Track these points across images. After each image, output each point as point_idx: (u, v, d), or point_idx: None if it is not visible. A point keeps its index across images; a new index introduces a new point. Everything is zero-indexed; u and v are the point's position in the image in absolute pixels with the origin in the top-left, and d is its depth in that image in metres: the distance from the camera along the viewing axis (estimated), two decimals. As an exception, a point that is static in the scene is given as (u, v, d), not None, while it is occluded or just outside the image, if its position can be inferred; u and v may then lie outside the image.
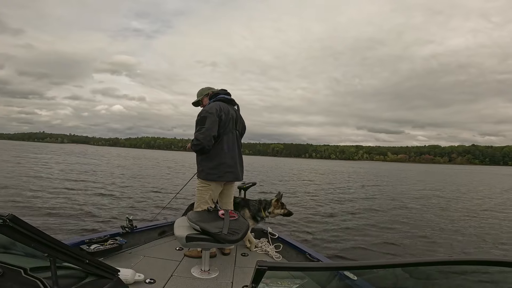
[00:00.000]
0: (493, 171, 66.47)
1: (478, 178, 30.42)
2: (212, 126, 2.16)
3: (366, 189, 14.41)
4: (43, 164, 17.70)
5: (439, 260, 0.71)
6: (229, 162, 2.28)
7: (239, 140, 2.45)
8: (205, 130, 2.15)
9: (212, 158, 2.24)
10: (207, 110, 2.22)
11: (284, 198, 2.74)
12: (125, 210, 6.26)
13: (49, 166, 16.31)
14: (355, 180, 20.29)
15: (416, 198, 11.60)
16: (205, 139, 2.14)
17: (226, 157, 2.26)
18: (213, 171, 2.24)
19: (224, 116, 2.24)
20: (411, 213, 8.08)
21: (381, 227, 6.15)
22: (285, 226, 5.79)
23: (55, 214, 5.54)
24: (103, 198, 7.61)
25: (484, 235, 5.84)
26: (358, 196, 11.28)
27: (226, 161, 2.26)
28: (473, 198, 12.33)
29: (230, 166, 2.28)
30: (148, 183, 11.55)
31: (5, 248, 0.94)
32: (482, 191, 15.48)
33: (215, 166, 2.24)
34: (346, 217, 7.13)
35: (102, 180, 11.64)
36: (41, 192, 7.76)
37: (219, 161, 2.24)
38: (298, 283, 0.90)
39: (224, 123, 2.24)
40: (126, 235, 2.32)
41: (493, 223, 7.07)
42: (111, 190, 9.01)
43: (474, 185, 20.17)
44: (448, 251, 4.79)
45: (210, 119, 2.16)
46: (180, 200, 5.92)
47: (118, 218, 5.46)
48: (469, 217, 7.66)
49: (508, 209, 9.39)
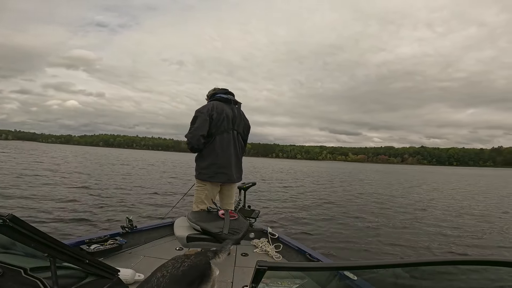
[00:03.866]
0: (445, 171, 68.53)
1: (447, 178, 31.36)
2: (200, 126, 2.16)
3: (358, 189, 14.45)
4: (27, 163, 17.70)
5: (439, 260, 0.71)
6: (222, 162, 2.24)
7: (238, 141, 2.39)
8: (193, 129, 2.17)
9: (204, 158, 2.25)
10: (198, 110, 2.24)
11: (283, 197, 2.75)
12: (125, 210, 6.25)
13: (38, 165, 16.31)
14: (339, 180, 20.56)
15: (412, 198, 11.61)
16: (192, 139, 2.17)
17: (218, 157, 2.23)
18: (205, 171, 2.24)
19: (216, 115, 2.21)
20: (411, 213, 8.08)
21: (381, 227, 6.15)
22: (285, 226, 5.79)
23: (55, 214, 5.53)
24: (103, 198, 7.61)
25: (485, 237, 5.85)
26: (354, 196, 11.29)
27: (218, 161, 2.23)
28: (466, 199, 12.35)
29: (222, 166, 2.24)
30: (147, 183, 11.55)
31: (5, 248, 0.94)
32: (467, 191, 15.49)
33: (207, 166, 2.23)
34: (346, 217, 7.12)
35: (102, 180, 11.64)
36: (41, 191, 7.76)
37: (210, 161, 2.23)
38: (298, 283, 0.90)
39: (216, 122, 2.21)
40: (126, 235, 2.32)
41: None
42: (111, 190, 9.01)
43: (458, 184, 20.23)
44: (448, 251, 4.79)
45: (200, 119, 2.18)
46: (181, 201, 5.91)
47: (118, 218, 5.46)
48: (470, 217, 7.67)
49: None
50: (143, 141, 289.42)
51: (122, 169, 18.60)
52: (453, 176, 38.19)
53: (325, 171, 35.22)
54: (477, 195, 13.48)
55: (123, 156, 43.14)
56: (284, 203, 8.57)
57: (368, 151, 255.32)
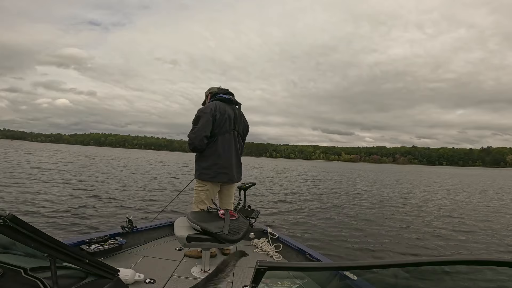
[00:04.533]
0: (437, 171, 69.07)
1: (446, 178, 31.33)
2: (204, 126, 2.17)
3: (357, 189, 14.47)
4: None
5: (439, 260, 0.70)
6: (223, 163, 2.25)
7: (238, 141, 2.39)
8: (197, 130, 2.18)
9: (206, 158, 2.25)
10: (202, 110, 2.24)
11: (283, 198, 2.75)
12: (125, 210, 6.26)
13: (45, 166, 16.31)
14: (337, 180, 20.63)
15: (413, 199, 11.60)
16: (196, 139, 2.17)
17: (220, 157, 2.24)
18: (207, 171, 2.24)
19: (220, 115, 2.21)
20: (410, 213, 8.08)
21: (380, 227, 6.15)
22: (285, 226, 5.79)
23: (55, 214, 5.53)
24: (103, 198, 7.61)
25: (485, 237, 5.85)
26: (354, 197, 11.29)
27: (220, 161, 2.24)
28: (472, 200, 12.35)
29: (224, 167, 2.25)
30: (147, 183, 11.55)
31: (5, 248, 0.93)
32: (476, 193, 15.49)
33: (209, 166, 2.24)
34: (346, 217, 7.13)
35: (101, 180, 11.64)
36: (41, 192, 7.76)
37: (213, 161, 2.23)
38: (298, 283, 0.90)
39: (219, 123, 2.22)
40: (126, 235, 2.32)
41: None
42: (111, 190, 9.01)
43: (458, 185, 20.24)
44: (447, 251, 4.79)
45: (203, 119, 2.18)
46: (181, 201, 5.92)
47: (118, 218, 5.46)
48: (470, 217, 7.67)
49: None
50: (135, 140, 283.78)
51: (122, 169, 18.61)
52: (444, 176, 38.42)
53: (322, 171, 35.41)
54: (481, 195, 13.49)
55: (121, 156, 43.15)
56: (284, 203, 8.57)
57: (360, 151, 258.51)
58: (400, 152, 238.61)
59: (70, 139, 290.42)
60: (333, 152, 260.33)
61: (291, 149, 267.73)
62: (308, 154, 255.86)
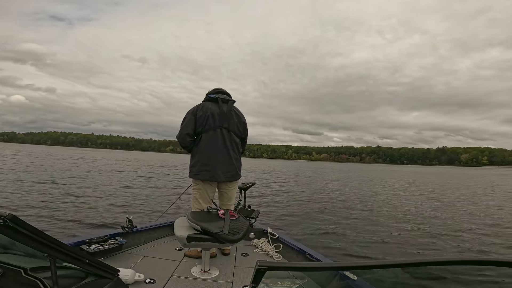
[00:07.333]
0: (403, 169, 71.19)
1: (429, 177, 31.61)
2: (186, 125, 2.27)
3: (355, 189, 14.45)
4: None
5: (439, 260, 0.70)
6: (206, 160, 2.24)
7: (229, 138, 2.32)
8: (180, 129, 2.30)
9: (192, 156, 2.32)
10: (188, 111, 2.33)
11: (283, 197, 2.75)
12: (125, 210, 6.26)
13: (43, 166, 16.30)
14: (326, 180, 20.58)
15: (410, 198, 11.61)
16: (179, 137, 2.30)
17: (202, 155, 2.25)
18: (192, 169, 2.30)
19: (202, 114, 2.24)
20: (410, 213, 8.08)
21: (380, 227, 6.15)
22: (285, 226, 5.79)
23: (55, 214, 5.53)
24: (102, 198, 7.61)
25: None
26: (352, 197, 11.29)
27: (202, 159, 2.25)
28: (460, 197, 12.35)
29: (206, 164, 2.24)
30: (147, 183, 11.55)
31: (5, 248, 0.94)
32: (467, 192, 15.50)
33: (194, 164, 2.29)
34: (346, 217, 7.12)
35: (101, 180, 11.64)
36: (41, 192, 7.76)
37: (196, 159, 2.27)
38: (298, 283, 0.90)
39: (201, 121, 2.24)
40: (126, 235, 2.32)
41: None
42: (111, 190, 9.01)
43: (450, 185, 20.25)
44: (447, 251, 4.79)
45: (186, 119, 2.29)
46: (181, 201, 5.92)
47: (118, 218, 5.46)
48: (469, 217, 7.67)
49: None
50: (99, 140, 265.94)
51: (121, 169, 18.61)
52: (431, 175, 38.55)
53: (302, 170, 35.50)
54: (482, 196, 13.49)
55: (118, 156, 42.52)
56: (284, 203, 8.57)
57: (330, 151, 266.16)
58: (366, 151, 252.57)
59: (25, 138, 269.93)
60: (304, 152, 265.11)
61: (264, 149, 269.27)
62: (281, 153, 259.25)
